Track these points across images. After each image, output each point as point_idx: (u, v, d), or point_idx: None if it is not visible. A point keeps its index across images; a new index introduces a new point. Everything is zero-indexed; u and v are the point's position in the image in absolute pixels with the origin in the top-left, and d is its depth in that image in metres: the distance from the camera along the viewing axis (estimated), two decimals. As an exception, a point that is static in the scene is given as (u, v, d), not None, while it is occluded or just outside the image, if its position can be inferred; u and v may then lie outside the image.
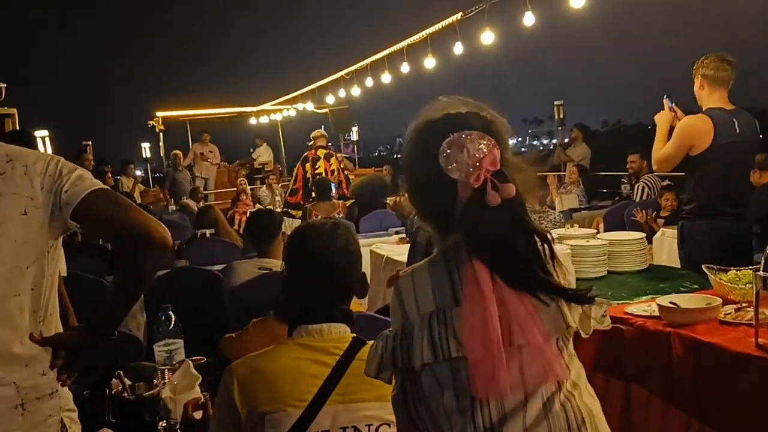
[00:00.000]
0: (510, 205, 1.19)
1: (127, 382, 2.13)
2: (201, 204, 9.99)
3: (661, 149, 3.74)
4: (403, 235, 6.10)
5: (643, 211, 6.01)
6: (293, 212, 8.98)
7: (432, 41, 8.01)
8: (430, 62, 8.14)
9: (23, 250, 1.58)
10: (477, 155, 1.15)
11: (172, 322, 2.27)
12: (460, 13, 7.17)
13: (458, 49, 7.38)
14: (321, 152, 9.26)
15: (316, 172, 9.08)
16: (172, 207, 10.45)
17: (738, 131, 3.62)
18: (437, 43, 7.99)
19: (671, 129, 3.76)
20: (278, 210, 8.86)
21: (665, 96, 3.88)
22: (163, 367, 2.23)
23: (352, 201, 8.22)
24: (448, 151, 1.17)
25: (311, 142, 9.43)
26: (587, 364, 2.82)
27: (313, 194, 8.29)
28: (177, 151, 13.00)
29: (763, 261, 2.18)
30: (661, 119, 3.81)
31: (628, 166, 7.61)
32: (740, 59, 3.79)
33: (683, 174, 3.93)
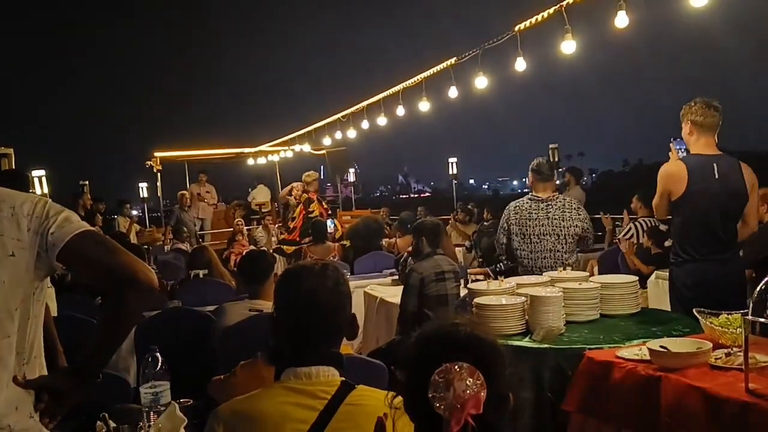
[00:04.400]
0: None
1: (112, 424, 2.11)
2: (186, 244, 10.01)
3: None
4: (396, 277, 6.11)
5: (627, 242, 6.03)
6: (286, 248, 9.07)
7: (426, 85, 8.10)
8: (424, 105, 8.23)
9: (11, 292, 1.58)
10: (462, 395, 1.17)
11: (159, 364, 2.25)
12: (454, 58, 7.28)
13: (453, 92, 7.47)
14: (313, 196, 9.46)
15: (312, 215, 9.18)
16: (168, 247, 10.43)
17: (717, 176, 3.65)
18: (432, 86, 8.11)
19: None
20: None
21: (672, 139, 3.89)
22: (148, 410, 2.21)
23: (347, 243, 8.24)
24: (438, 383, 1.19)
25: (308, 184, 9.59)
26: (578, 408, 2.82)
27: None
28: (184, 192, 13.07)
29: (751, 306, 2.19)
30: None
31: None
32: (731, 104, 3.85)
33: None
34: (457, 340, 1.28)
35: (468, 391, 1.17)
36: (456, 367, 1.19)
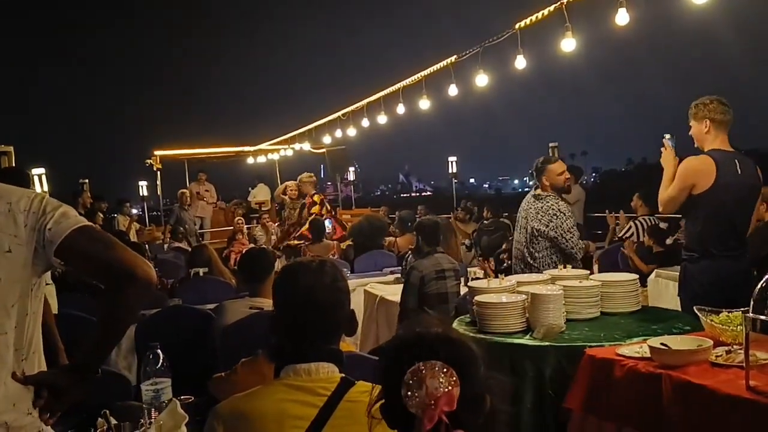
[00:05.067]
0: None
1: (113, 421, 2.11)
2: (183, 243, 10.02)
3: (664, 191, 3.78)
4: (398, 275, 6.10)
5: (628, 242, 6.05)
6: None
7: (427, 83, 8.10)
8: (425, 104, 8.23)
9: (8, 288, 1.58)
10: (435, 393, 1.16)
11: (160, 361, 2.25)
12: (454, 57, 7.28)
13: (453, 91, 7.47)
14: (317, 198, 9.45)
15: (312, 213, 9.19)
16: (167, 246, 10.44)
17: (740, 172, 3.67)
18: (432, 85, 8.11)
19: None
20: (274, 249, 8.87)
21: (665, 135, 3.88)
22: (149, 407, 2.21)
23: (348, 242, 8.23)
24: (411, 382, 1.19)
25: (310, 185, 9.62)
26: (579, 406, 2.81)
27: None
28: (184, 190, 13.10)
29: (752, 303, 2.19)
30: (667, 161, 3.82)
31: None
32: (733, 101, 3.85)
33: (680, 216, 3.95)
34: (428, 342, 1.28)
35: (440, 389, 1.17)
36: (428, 365, 1.19)
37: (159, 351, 2.27)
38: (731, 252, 3.67)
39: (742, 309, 2.55)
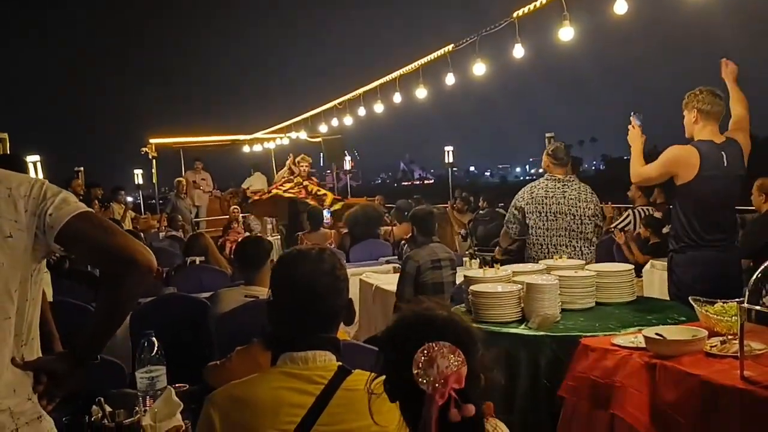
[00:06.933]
0: (469, 423, 1.25)
1: (108, 409, 2.10)
2: (180, 232, 10.03)
3: (639, 166, 3.84)
4: (396, 264, 6.11)
5: (623, 233, 6.07)
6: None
7: (424, 72, 8.08)
8: (422, 92, 8.21)
9: (10, 273, 1.57)
10: (445, 371, 1.24)
11: (155, 349, 2.25)
12: (452, 45, 7.25)
13: (450, 79, 7.45)
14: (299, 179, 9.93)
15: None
16: (163, 234, 10.43)
17: (726, 164, 3.68)
18: (429, 73, 8.08)
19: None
20: (269, 238, 8.88)
21: (633, 113, 3.94)
22: (144, 394, 2.21)
23: (345, 231, 8.23)
24: (421, 362, 1.25)
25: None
26: (573, 395, 2.81)
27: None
28: (180, 179, 13.08)
29: (747, 294, 2.20)
30: (635, 140, 3.91)
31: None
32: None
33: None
34: (436, 323, 1.37)
35: (450, 368, 1.24)
36: (437, 345, 1.26)
37: (154, 339, 2.27)
38: (716, 243, 3.70)
39: (737, 299, 2.56)
